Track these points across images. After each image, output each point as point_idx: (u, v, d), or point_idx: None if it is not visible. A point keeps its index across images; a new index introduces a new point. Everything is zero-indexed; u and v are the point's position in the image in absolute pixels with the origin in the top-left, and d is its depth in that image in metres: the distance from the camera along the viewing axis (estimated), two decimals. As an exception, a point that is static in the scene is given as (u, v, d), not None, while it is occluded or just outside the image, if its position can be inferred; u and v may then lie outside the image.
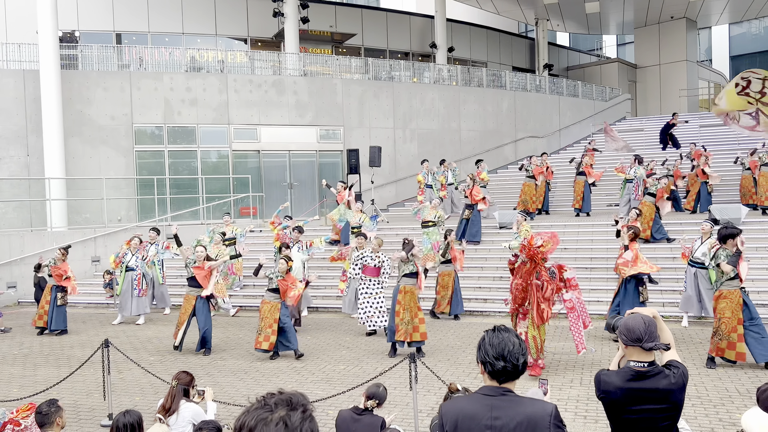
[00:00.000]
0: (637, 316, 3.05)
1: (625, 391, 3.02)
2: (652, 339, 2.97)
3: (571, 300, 8.24)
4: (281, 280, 9.43)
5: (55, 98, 16.94)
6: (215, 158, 20.04)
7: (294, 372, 8.68)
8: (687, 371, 3.06)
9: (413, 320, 9.17)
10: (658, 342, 2.99)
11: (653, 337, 2.97)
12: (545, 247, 8.03)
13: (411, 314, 9.19)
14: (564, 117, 26.67)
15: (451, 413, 2.73)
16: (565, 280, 8.24)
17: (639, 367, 3.00)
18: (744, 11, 32.22)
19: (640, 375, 3.00)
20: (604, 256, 13.55)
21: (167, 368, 8.73)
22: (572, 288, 8.31)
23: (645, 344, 2.96)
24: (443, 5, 27.25)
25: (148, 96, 18.78)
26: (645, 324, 2.98)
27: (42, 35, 16.89)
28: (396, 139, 21.85)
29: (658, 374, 3.00)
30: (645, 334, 2.96)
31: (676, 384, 2.98)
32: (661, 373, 3.00)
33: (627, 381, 3.02)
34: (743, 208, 14.32)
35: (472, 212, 14.81)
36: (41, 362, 9.67)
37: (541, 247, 8.02)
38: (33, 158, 17.49)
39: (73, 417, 7.01)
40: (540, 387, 3.53)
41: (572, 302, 8.24)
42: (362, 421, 4.72)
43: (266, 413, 1.72)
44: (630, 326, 3.02)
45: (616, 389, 3.04)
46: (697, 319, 10.76)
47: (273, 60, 21.68)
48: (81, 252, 15.97)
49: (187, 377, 5.07)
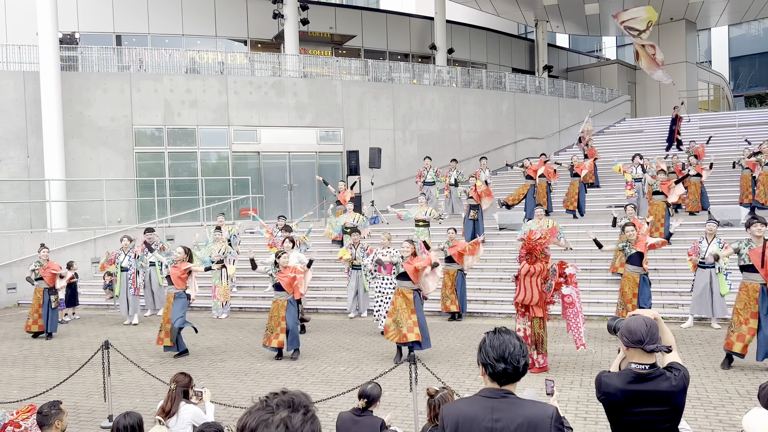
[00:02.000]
0: (638, 318, 3.04)
1: (626, 393, 3.01)
2: (653, 341, 2.96)
3: (570, 295, 8.28)
4: (279, 273, 9.41)
5: (55, 100, 16.95)
6: (215, 160, 20.04)
7: (294, 373, 8.67)
8: (688, 373, 3.06)
9: (406, 322, 8.79)
10: (659, 344, 2.98)
11: (655, 339, 2.96)
12: (544, 239, 8.14)
13: (403, 316, 8.85)
14: (564, 118, 26.68)
15: (452, 415, 2.73)
16: (566, 276, 8.30)
17: (640, 370, 2.99)
18: (743, 13, 32.24)
19: (641, 377, 2.99)
20: (604, 257, 13.54)
21: (167, 370, 8.72)
22: (572, 284, 8.36)
23: (646, 346, 2.95)
24: (443, 7, 27.27)
25: (147, 97, 18.78)
26: (646, 326, 2.97)
27: (42, 37, 16.90)
28: (396, 141, 21.86)
29: (659, 376, 2.99)
30: (646, 336, 2.95)
31: (677, 386, 2.97)
32: (662, 376, 2.99)
33: (628, 383, 3.01)
34: (742, 209, 14.32)
35: (478, 212, 14.70)
36: (41, 364, 9.66)
37: (540, 239, 8.11)
38: (33, 160, 17.49)
39: (74, 419, 7.00)
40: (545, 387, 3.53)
41: (572, 297, 8.29)
42: (362, 423, 4.72)
43: (267, 414, 1.71)
44: (631, 328, 3.00)
45: (616, 391, 3.03)
46: (699, 320, 10.76)
47: (273, 61, 21.68)
48: (81, 253, 15.97)
49: (186, 378, 5.06)
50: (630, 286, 9.59)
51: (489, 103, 23.99)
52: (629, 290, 9.58)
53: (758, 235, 7.84)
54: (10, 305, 15.17)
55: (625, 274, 9.77)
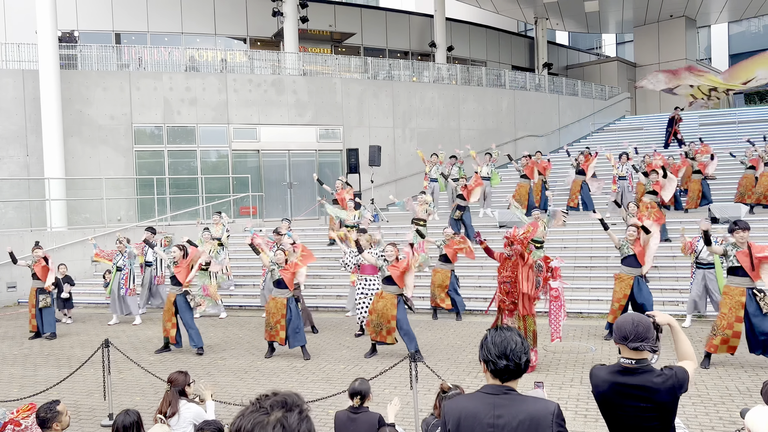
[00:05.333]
0: (627, 316, 3.13)
1: (612, 384, 3.09)
2: (638, 339, 3.02)
3: (557, 289, 8.30)
4: (282, 270, 9.42)
5: (54, 98, 16.93)
6: (215, 158, 20.03)
7: (294, 371, 8.67)
8: (685, 378, 3.04)
9: (386, 325, 8.90)
10: (645, 343, 3.01)
11: (641, 338, 3.01)
12: (528, 234, 8.15)
13: (383, 320, 8.92)
14: (564, 116, 26.67)
15: (454, 412, 2.72)
16: (552, 270, 8.31)
17: (627, 363, 3.08)
18: (743, 10, 32.23)
19: (627, 370, 3.07)
20: (604, 255, 13.55)
21: (167, 368, 8.71)
22: (558, 278, 8.38)
23: (630, 344, 3.03)
24: (442, 4, 27.24)
25: (147, 96, 18.77)
26: (633, 324, 3.05)
27: (41, 35, 16.87)
28: (396, 138, 21.84)
29: (646, 372, 3.04)
30: (631, 334, 3.03)
31: (663, 384, 2.99)
32: (650, 372, 3.04)
33: (614, 375, 3.10)
34: (743, 207, 14.29)
35: (464, 212, 14.38)
36: (41, 362, 9.66)
37: (525, 233, 8.11)
38: (32, 158, 17.48)
39: (74, 417, 6.99)
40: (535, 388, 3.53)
41: (558, 291, 8.31)
42: (359, 420, 4.71)
43: (262, 416, 1.71)
44: (619, 324, 3.12)
45: (603, 382, 3.13)
46: (698, 317, 10.75)
47: (272, 59, 21.67)
48: (81, 252, 15.96)
49: (181, 377, 5.05)
50: (621, 287, 9.39)
51: (489, 101, 23.97)
52: (620, 290, 9.38)
53: (742, 242, 7.87)
54: (10, 304, 15.16)
55: (619, 274, 9.57)
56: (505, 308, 8.16)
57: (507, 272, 8.10)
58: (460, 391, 4.58)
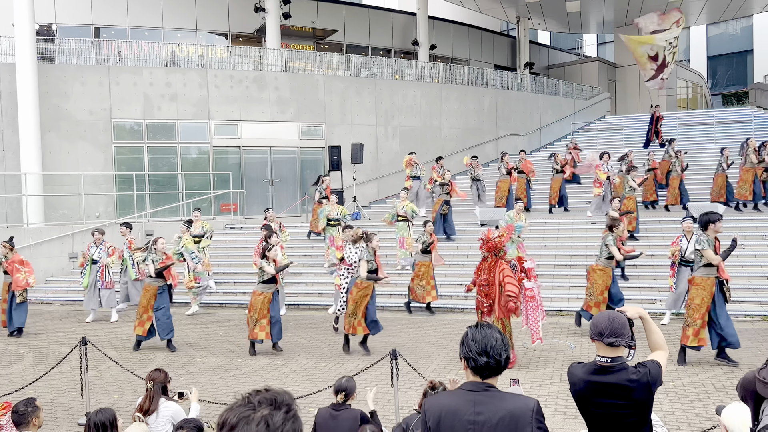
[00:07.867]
0: (603, 313, 3.17)
1: (588, 384, 3.12)
2: (614, 335, 3.05)
3: (531, 289, 8.36)
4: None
5: (31, 92, 16.65)
6: (195, 154, 19.86)
7: (275, 369, 8.63)
8: (658, 373, 3.09)
9: (358, 316, 9.23)
10: (621, 339, 3.05)
11: (616, 333, 3.05)
12: (502, 238, 8.21)
13: (359, 309, 9.23)
14: (545, 115, 26.84)
15: (434, 409, 2.73)
16: (525, 271, 8.39)
17: (602, 362, 3.10)
18: (721, 12, 32.64)
19: (603, 369, 3.09)
20: (583, 254, 13.66)
21: (146, 366, 8.62)
22: (532, 278, 8.45)
23: (605, 339, 3.07)
24: (425, 2, 27.26)
25: (127, 91, 18.54)
26: (609, 320, 3.09)
27: (18, 28, 16.57)
28: (378, 136, 21.82)
29: (621, 370, 3.07)
30: (606, 330, 3.06)
31: (638, 382, 3.04)
32: (625, 370, 3.07)
33: (590, 374, 3.13)
34: (720, 206, 14.51)
35: (449, 208, 15.05)
36: (17, 360, 9.51)
37: (499, 237, 8.18)
38: (9, 153, 17.19)
39: (50, 416, 6.90)
40: (512, 385, 3.55)
41: (533, 291, 8.37)
42: (341, 417, 4.70)
43: (249, 411, 1.69)
44: (595, 321, 3.15)
45: (579, 381, 3.17)
46: (676, 316, 10.88)
47: (254, 55, 21.53)
48: (58, 249, 15.74)
49: (161, 375, 5.00)
50: (604, 279, 9.71)
51: (471, 100, 24.05)
52: (602, 282, 9.69)
53: (719, 232, 8.08)
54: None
55: (598, 266, 9.81)
56: (483, 309, 8.23)
57: (484, 275, 8.20)
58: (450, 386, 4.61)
